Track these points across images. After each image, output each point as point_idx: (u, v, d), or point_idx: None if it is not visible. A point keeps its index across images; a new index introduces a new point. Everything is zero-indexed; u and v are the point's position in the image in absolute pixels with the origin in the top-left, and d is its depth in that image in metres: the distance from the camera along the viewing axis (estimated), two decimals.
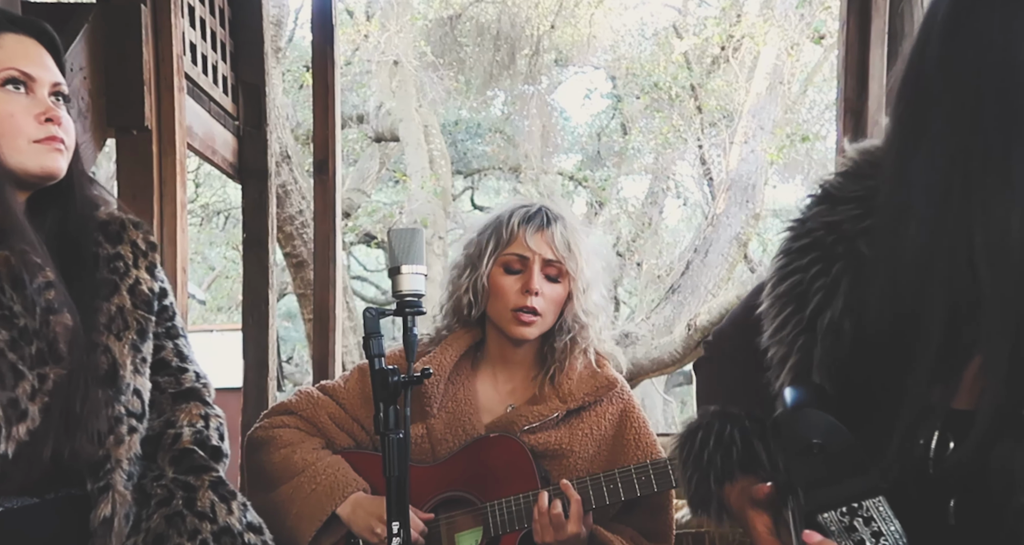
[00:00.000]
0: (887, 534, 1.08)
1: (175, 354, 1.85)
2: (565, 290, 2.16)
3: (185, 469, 1.75)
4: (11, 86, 1.60)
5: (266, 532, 1.80)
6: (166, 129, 2.77)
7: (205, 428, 1.82)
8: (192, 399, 1.84)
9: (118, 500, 1.66)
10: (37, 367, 1.57)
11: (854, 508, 1.09)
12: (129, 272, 1.76)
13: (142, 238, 1.81)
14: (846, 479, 1.11)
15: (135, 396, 1.72)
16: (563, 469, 2.14)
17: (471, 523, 2.12)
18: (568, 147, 13.69)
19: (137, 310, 1.75)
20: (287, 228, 6.61)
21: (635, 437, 2.17)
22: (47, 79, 1.64)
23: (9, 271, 1.56)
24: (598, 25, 11.29)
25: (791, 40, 9.06)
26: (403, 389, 1.76)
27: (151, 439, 1.77)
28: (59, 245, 1.69)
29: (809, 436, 1.13)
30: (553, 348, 2.20)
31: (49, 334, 1.58)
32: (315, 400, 2.28)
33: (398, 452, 1.73)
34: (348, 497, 2.12)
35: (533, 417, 2.14)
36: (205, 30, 3.31)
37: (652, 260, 11.77)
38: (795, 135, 8.90)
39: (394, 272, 1.78)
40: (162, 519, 1.69)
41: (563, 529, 1.97)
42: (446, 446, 2.17)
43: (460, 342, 2.23)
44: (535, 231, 2.15)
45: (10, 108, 1.59)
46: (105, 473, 1.66)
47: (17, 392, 1.53)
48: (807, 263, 1.27)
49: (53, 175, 1.65)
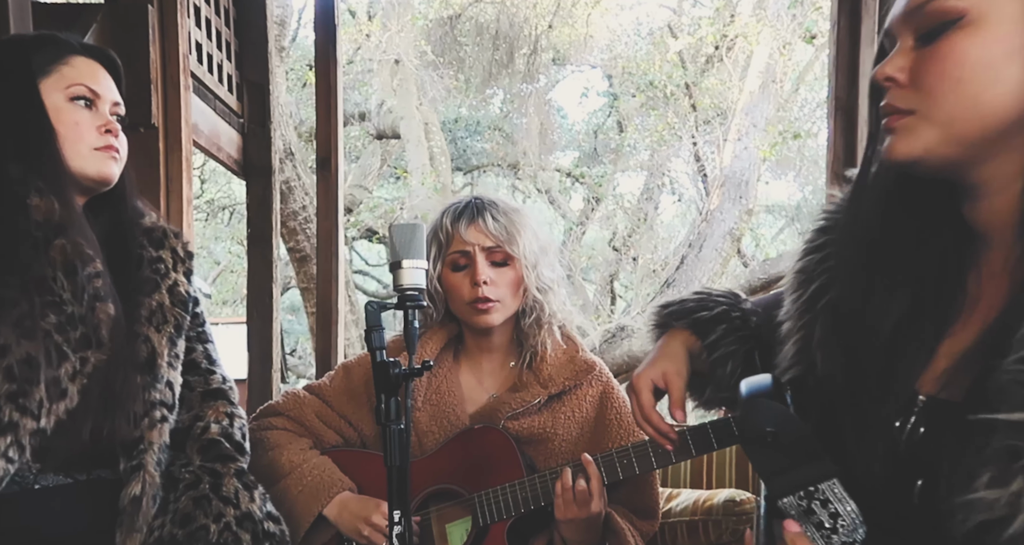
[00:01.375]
0: (843, 514, 1.10)
1: (204, 357, 1.98)
2: (516, 272, 2.16)
3: (212, 457, 1.86)
4: (79, 101, 1.76)
5: (283, 523, 1.88)
6: (172, 126, 2.77)
7: (230, 426, 1.94)
8: (219, 398, 1.96)
9: (148, 481, 1.75)
10: (80, 351, 1.67)
11: (811, 492, 1.11)
12: (169, 274, 1.90)
13: (181, 247, 1.96)
14: (801, 465, 1.13)
15: (167, 387, 1.83)
16: (548, 453, 2.15)
17: (461, 514, 2.12)
18: (565, 144, 13.67)
19: (175, 308, 1.88)
20: (291, 223, 6.61)
21: (616, 417, 2.17)
22: (109, 98, 1.81)
23: (64, 259, 1.67)
24: (595, 25, 11.29)
25: (783, 40, 9.06)
26: (404, 381, 1.76)
27: (181, 431, 1.89)
28: (109, 244, 1.82)
29: (763, 425, 1.15)
30: (524, 333, 2.20)
31: (93, 321, 1.70)
32: (301, 400, 2.29)
33: (399, 442, 1.73)
34: (334, 498, 2.12)
35: (515, 404, 2.14)
36: (211, 30, 3.31)
37: (648, 255, 11.76)
38: (787, 132, 8.90)
39: (395, 267, 1.78)
40: (190, 501, 1.78)
41: (587, 505, 1.96)
42: (432, 438, 2.17)
43: (439, 336, 2.24)
44: (468, 224, 2.15)
45: (76, 118, 1.76)
46: (139, 453, 1.76)
47: (60, 372, 1.63)
48: (821, 244, 1.30)
49: (108, 180, 1.80)
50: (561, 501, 1.97)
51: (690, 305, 1.62)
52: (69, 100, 1.75)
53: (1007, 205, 1.07)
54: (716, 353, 1.56)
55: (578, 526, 1.99)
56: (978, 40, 1.01)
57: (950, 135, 1.04)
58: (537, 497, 2.03)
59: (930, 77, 1.04)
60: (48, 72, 1.74)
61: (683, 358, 1.57)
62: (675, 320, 1.62)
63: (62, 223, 1.68)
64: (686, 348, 1.59)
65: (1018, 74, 1.01)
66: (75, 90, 1.75)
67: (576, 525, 1.99)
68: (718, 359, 1.56)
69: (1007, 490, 0.94)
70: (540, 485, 2.03)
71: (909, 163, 1.08)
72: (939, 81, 1.03)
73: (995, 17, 1.01)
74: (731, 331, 1.56)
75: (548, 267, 2.21)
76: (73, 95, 1.75)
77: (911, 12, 1.06)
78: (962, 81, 1.02)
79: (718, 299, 1.62)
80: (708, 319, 1.58)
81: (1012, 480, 0.94)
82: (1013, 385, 0.96)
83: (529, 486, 2.04)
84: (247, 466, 1.93)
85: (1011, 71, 1.01)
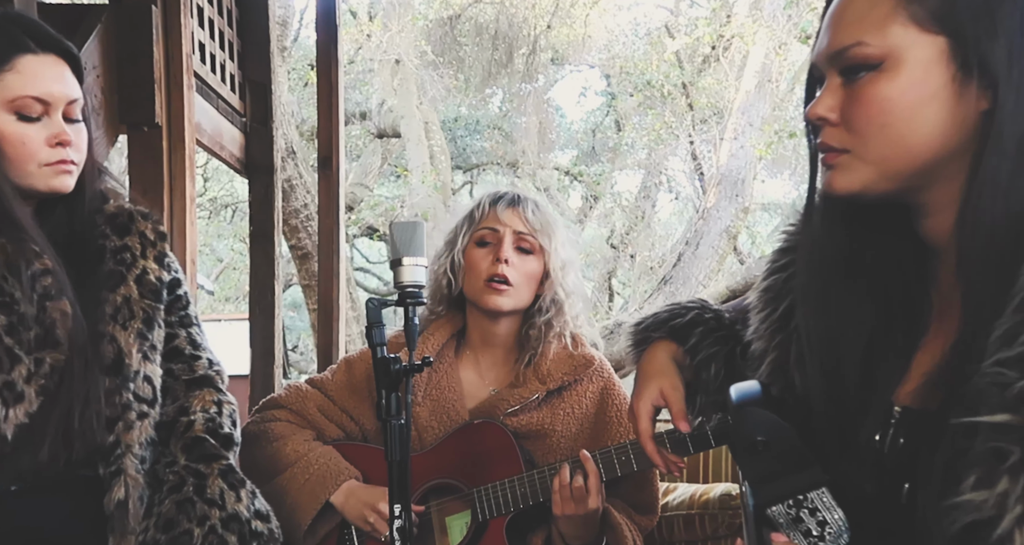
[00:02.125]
0: (831, 522, 1.11)
1: (188, 342, 1.87)
2: (539, 266, 2.16)
3: (196, 457, 1.77)
4: (25, 114, 1.60)
5: (273, 519, 1.82)
6: (176, 125, 2.76)
7: (218, 415, 1.84)
8: (205, 386, 1.86)
9: (130, 483, 1.68)
10: (35, 352, 1.59)
11: (800, 500, 1.12)
12: (136, 263, 1.78)
13: (151, 228, 1.82)
14: (791, 474, 1.13)
15: (145, 382, 1.74)
16: (547, 448, 2.15)
17: (461, 507, 2.12)
18: (564, 143, 13.68)
19: (144, 299, 1.76)
20: (292, 221, 6.61)
21: (617, 414, 2.17)
22: (62, 99, 1.64)
23: (5, 259, 1.58)
24: (593, 25, 11.29)
25: (779, 40, 9.05)
26: (404, 376, 1.76)
27: (165, 425, 1.79)
28: (67, 239, 1.71)
29: (754, 434, 1.15)
30: (531, 332, 2.19)
31: (46, 320, 1.61)
32: (304, 393, 2.28)
33: (400, 437, 1.73)
34: (341, 485, 2.12)
35: (514, 400, 2.14)
36: (213, 30, 3.30)
37: (645, 252, 11.77)
38: (783, 131, 8.89)
39: (395, 264, 1.78)
40: (173, 505, 1.70)
41: (584, 502, 1.96)
42: (432, 433, 2.17)
43: (442, 331, 2.23)
44: (506, 207, 2.17)
45: (22, 135, 1.60)
46: (116, 458, 1.68)
47: (13, 375, 1.55)
48: (784, 264, 1.33)
49: (60, 192, 1.67)
50: (559, 497, 1.98)
51: (663, 316, 1.63)
52: (14, 115, 1.59)
53: (949, 224, 1.11)
54: (698, 356, 1.56)
55: (576, 522, 2.00)
56: (898, 84, 1.06)
57: (884, 172, 1.09)
58: (536, 493, 2.03)
59: (859, 121, 1.09)
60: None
61: (674, 370, 1.57)
62: (652, 332, 1.62)
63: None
64: (672, 358, 1.59)
65: (937, 112, 1.05)
66: (21, 104, 1.58)
67: (574, 521, 1.99)
68: (701, 362, 1.56)
69: (993, 491, 0.95)
70: (539, 481, 2.03)
71: (850, 196, 1.13)
72: (867, 125, 1.08)
73: (910, 62, 1.05)
74: (708, 333, 1.57)
75: (575, 275, 2.21)
76: (18, 110, 1.59)
77: (835, 55, 1.10)
78: (888, 125, 1.07)
79: (688, 306, 1.63)
80: (684, 325, 1.59)
81: (998, 481, 0.95)
82: (991, 388, 0.98)
83: (528, 482, 2.04)
84: (239, 456, 1.86)
85: (931, 110, 1.05)
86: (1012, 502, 0.94)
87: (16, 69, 1.59)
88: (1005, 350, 0.98)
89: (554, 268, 2.16)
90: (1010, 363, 0.97)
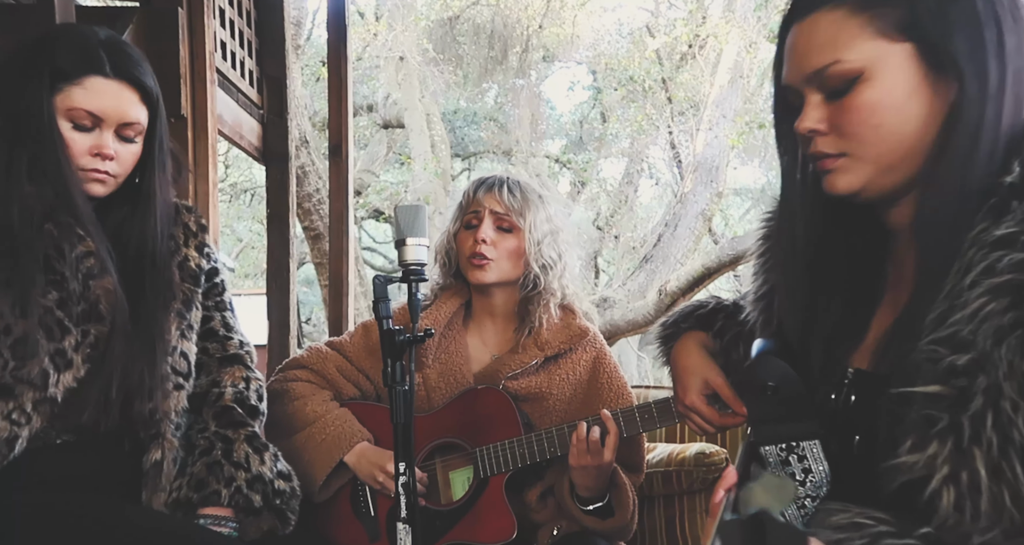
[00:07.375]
0: (815, 472, 1.12)
1: (222, 325, 1.93)
2: (519, 243, 2.17)
3: (225, 423, 1.83)
4: (77, 123, 1.65)
5: (294, 478, 1.86)
6: (199, 117, 2.76)
7: (246, 389, 1.90)
8: (236, 363, 1.92)
9: (167, 446, 1.73)
10: (82, 324, 1.64)
11: (792, 446, 1.13)
12: (179, 250, 1.84)
13: (193, 220, 1.90)
14: (791, 421, 1.15)
15: (182, 358, 1.79)
16: (543, 411, 2.16)
17: (463, 464, 2.13)
18: (554, 133, 13.67)
19: (184, 283, 1.82)
20: (305, 205, 6.60)
21: (607, 380, 2.19)
22: (115, 118, 1.67)
23: (52, 241, 1.62)
24: (581, 25, 11.26)
25: (750, 39, 9.04)
26: (408, 347, 1.77)
27: (198, 396, 1.85)
28: (132, 238, 1.76)
29: (766, 378, 1.16)
30: (529, 307, 2.21)
31: (91, 296, 1.66)
32: (324, 355, 2.29)
33: (404, 402, 1.74)
34: (354, 446, 2.13)
35: (515, 365, 2.16)
36: (234, 30, 3.29)
37: (628, 233, 11.76)
38: (753, 123, 8.87)
39: (400, 244, 1.79)
40: (204, 466, 1.75)
41: (599, 455, 1.97)
42: (440, 393, 2.19)
43: (452, 301, 2.24)
44: (486, 192, 2.20)
45: (70, 140, 1.65)
46: (155, 423, 1.73)
47: (64, 344, 1.61)
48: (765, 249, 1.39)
49: (93, 196, 1.70)
50: (576, 450, 1.98)
51: (687, 310, 1.65)
52: (70, 122, 1.65)
53: (911, 210, 1.15)
54: (726, 338, 1.57)
55: (589, 473, 2.00)
56: (881, 89, 1.09)
57: (882, 166, 1.12)
58: (534, 454, 2.05)
59: (853, 126, 1.12)
60: (59, 89, 1.63)
61: (710, 360, 1.57)
62: (681, 324, 1.63)
63: (53, 208, 1.62)
64: (703, 348, 1.59)
65: (920, 105, 1.09)
66: (74, 114, 1.64)
67: (588, 471, 2.00)
68: (729, 342, 1.56)
69: (924, 454, 0.99)
70: (536, 443, 2.05)
71: (852, 194, 1.16)
72: (862, 128, 1.11)
73: (886, 68, 1.09)
74: (729, 316, 1.58)
75: (552, 247, 2.20)
76: (72, 119, 1.64)
77: (812, 75, 1.13)
78: (880, 125, 1.10)
79: (706, 300, 1.65)
80: (708, 312, 1.61)
81: (928, 445, 0.99)
82: (926, 363, 1.02)
83: (527, 443, 2.05)
84: (264, 422, 1.92)
85: (914, 104, 1.09)
86: (940, 463, 0.98)
87: (83, 86, 1.64)
88: (939, 331, 1.02)
89: (531, 243, 2.16)
90: (941, 342, 1.01)
